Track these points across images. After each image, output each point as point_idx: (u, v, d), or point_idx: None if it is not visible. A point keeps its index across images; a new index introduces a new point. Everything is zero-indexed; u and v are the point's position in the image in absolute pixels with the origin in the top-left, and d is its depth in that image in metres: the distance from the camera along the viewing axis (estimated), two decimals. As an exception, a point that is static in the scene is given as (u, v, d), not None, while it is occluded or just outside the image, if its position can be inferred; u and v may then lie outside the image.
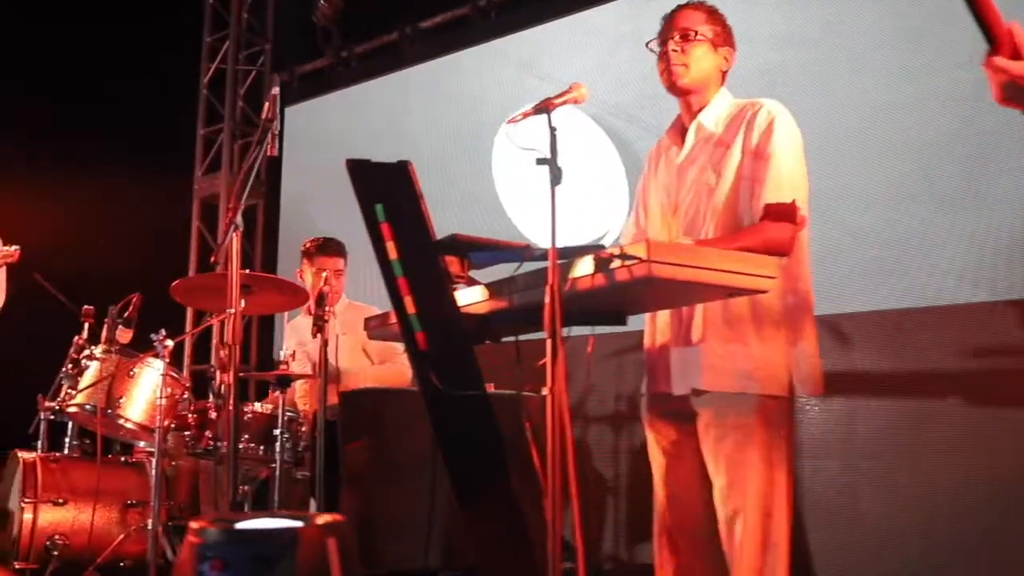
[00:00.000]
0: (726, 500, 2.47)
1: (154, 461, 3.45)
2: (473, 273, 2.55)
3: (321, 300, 3.42)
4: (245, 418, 3.85)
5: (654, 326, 2.69)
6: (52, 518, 3.64)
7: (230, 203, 3.12)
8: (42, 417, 4.34)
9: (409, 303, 2.41)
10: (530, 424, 2.26)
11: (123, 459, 3.99)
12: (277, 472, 3.78)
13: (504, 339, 2.62)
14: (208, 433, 3.81)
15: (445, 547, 3.28)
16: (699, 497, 2.60)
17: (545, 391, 2.05)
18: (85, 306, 4.40)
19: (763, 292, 2.05)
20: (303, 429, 4.00)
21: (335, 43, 6.73)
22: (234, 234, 3.11)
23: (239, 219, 3.13)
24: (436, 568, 3.28)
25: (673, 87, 2.64)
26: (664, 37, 2.64)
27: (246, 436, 3.83)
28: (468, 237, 2.46)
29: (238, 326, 3.06)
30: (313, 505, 3.94)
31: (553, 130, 2.19)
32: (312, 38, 6.83)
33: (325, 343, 3.47)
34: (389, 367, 4.40)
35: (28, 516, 3.58)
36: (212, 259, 3.11)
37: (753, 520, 2.44)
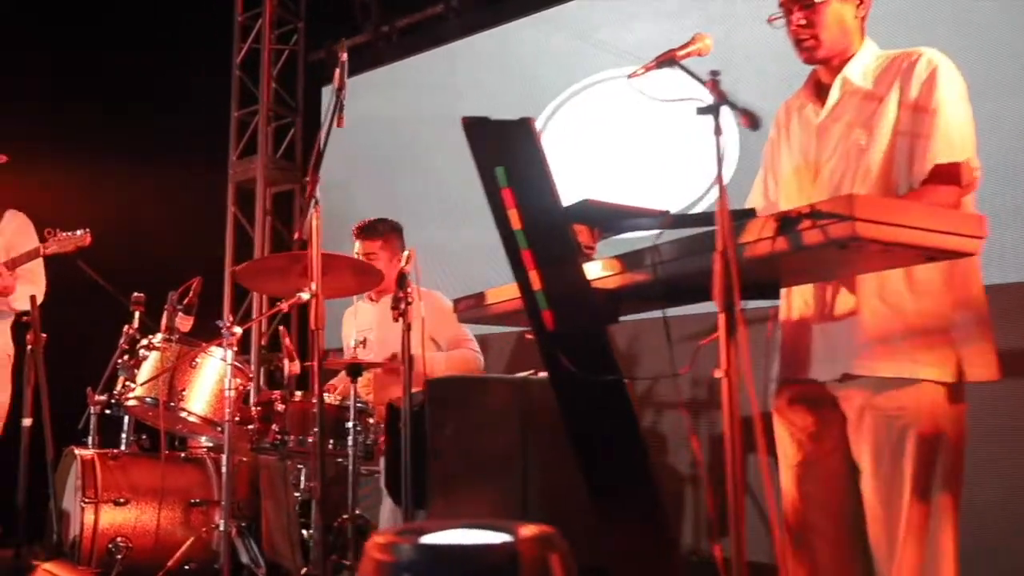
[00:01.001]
0: (881, 498, 2.21)
1: (224, 458, 3.20)
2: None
3: (402, 281, 3.16)
4: (314, 410, 3.61)
5: (790, 301, 2.43)
6: (114, 519, 3.40)
7: (307, 177, 2.87)
8: (92, 412, 4.12)
9: (535, 278, 2.16)
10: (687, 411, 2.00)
11: (182, 455, 3.74)
12: (350, 468, 3.54)
13: (625, 318, 2.38)
14: (275, 427, 3.57)
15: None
16: (842, 493, 2.34)
17: (718, 373, 1.80)
18: (135, 293, 4.16)
19: (969, 255, 1.79)
20: (371, 421, 3.76)
21: (375, 18, 6.46)
22: (314, 210, 2.86)
23: (318, 193, 2.89)
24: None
25: (812, 62, 2.38)
26: (785, 9, 2.37)
27: (316, 430, 3.58)
28: (602, 203, 2.20)
29: (322, 309, 2.81)
30: (388, 504, 3.70)
31: (707, 78, 1.92)
32: (350, 14, 6.55)
33: (408, 327, 3.21)
34: (460, 354, 4.15)
35: (90, 517, 3.34)
36: (296, 236, 2.84)
37: (916, 519, 2.18)
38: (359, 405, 3.69)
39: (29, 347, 3.80)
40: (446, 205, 5.75)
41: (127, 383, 3.48)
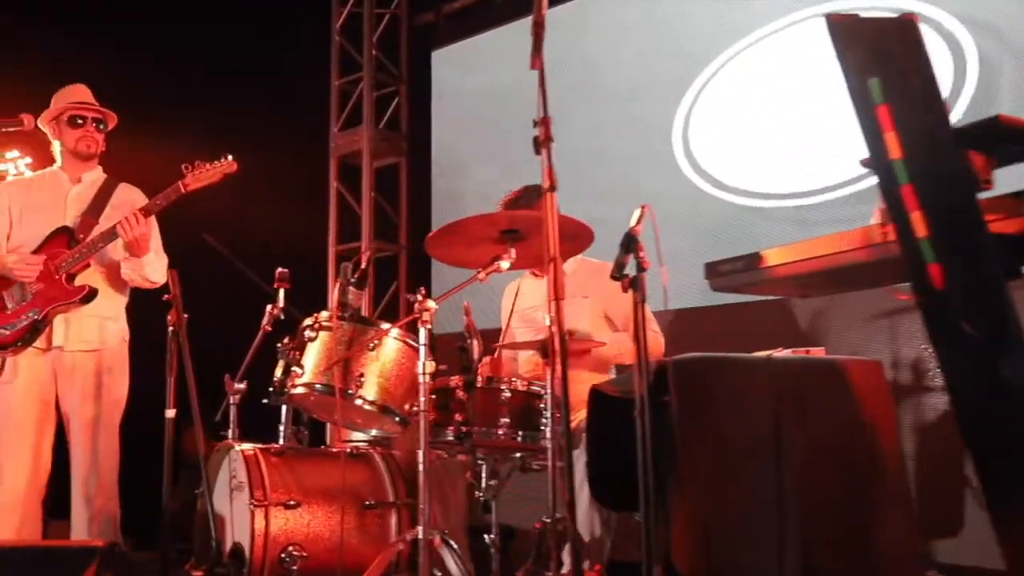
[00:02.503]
0: None
1: (420, 454, 2.73)
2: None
3: (631, 243, 2.64)
4: (502, 396, 3.14)
5: None
6: (284, 524, 2.95)
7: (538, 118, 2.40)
8: (232, 402, 3.69)
9: (918, 222, 1.66)
10: None
11: (349, 450, 3.29)
12: (550, 464, 3.06)
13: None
14: (457, 416, 3.10)
15: (806, 563, 2.53)
16: None
17: None
18: (279, 269, 3.72)
19: None
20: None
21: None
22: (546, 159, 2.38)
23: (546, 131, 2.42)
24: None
25: None
26: None
27: (506, 420, 3.12)
28: (1014, 120, 1.70)
29: (561, 278, 2.33)
30: (583, 506, 3.23)
31: None
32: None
33: (644, 299, 2.69)
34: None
35: (260, 522, 2.89)
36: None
37: None
38: (538, 390, 3.22)
39: (171, 329, 3.37)
40: (574, 181, 5.24)
41: (294, 369, 3.03)
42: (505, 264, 2.90)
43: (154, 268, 3.77)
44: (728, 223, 4.61)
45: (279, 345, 3.19)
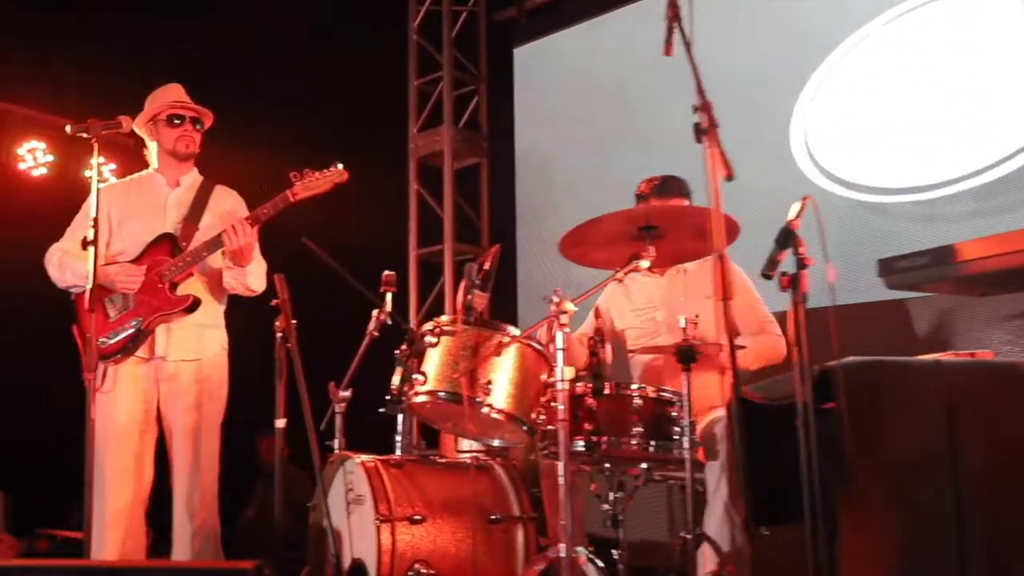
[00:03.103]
0: None
1: (560, 466, 2.56)
2: None
3: (789, 238, 2.44)
4: (633, 404, 2.96)
5: None
6: (411, 540, 2.80)
7: (699, 103, 2.20)
8: (337, 410, 3.55)
9: None
10: None
11: (469, 462, 3.13)
12: (688, 476, 2.87)
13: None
14: (587, 425, 2.92)
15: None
16: None
17: None
18: (386, 272, 3.58)
19: None
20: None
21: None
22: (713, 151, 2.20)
23: (710, 118, 2.24)
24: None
25: None
26: None
27: (639, 429, 2.93)
28: None
29: (729, 276, 2.14)
30: (714, 521, 3.03)
31: None
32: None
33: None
34: (766, 341, 3.46)
35: (386, 538, 2.74)
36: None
37: None
38: (669, 396, 3.04)
39: (279, 335, 3.24)
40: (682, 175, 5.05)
41: (415, 376, 2.87)
42: (645, 263, 2.73)
43: (256, 277, 3.67)
44: (845, 219, 4.37)
45: (396, 352, 3.03)
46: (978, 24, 4.12)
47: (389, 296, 3.53)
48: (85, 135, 3.29)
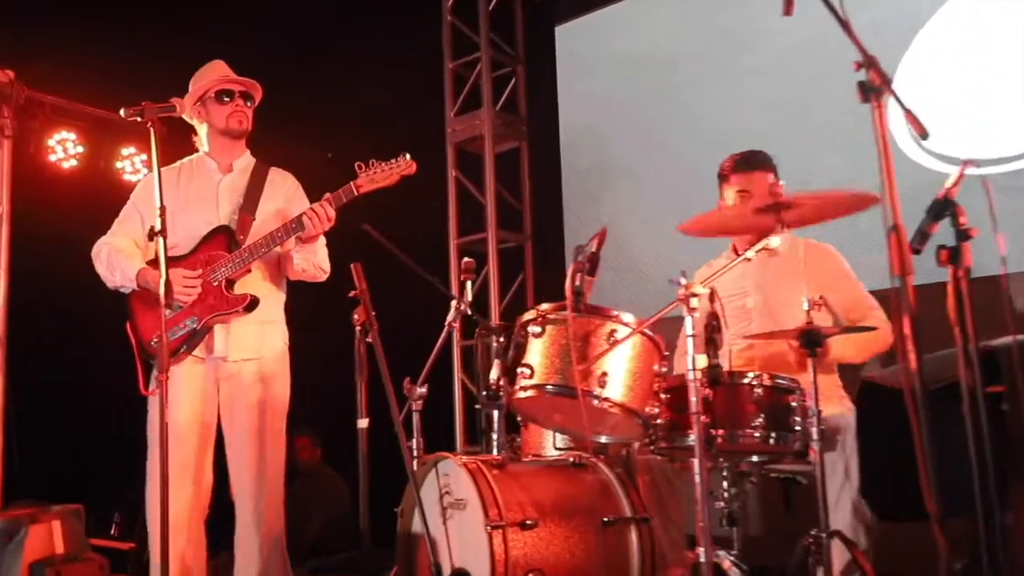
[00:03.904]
0: None
1: (695, 463, 2.34)
2: None
3: (943, 208, 2.22)
4: (753, 394, 2.73)
5: None
6: (524, 547, 2.57)
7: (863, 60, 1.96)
8: (414, 408, 3.32)
9: None
10: None
11: (571, 459, 2.90)
12: (818, 470, 2.65)
13: None
14: (704, 418, 2.69)
15: None
16: None
17: None
18: (465, 259, 3.35)
19: None
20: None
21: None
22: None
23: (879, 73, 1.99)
24: None
25: None
26: None
27: (759, 421, 2.71)
28: None
29: (907, 252, 1.91)
30: (843, 516, 2.81)
31: None
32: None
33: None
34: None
35: (499, 546, 2.51)
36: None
37: None
38: (787, 385, 2.82)
39: (358, 328, 3.01)
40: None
41: (519, 370, 2.63)
42: (775, 241, 2.51)
43: (325, 254, 3.45)
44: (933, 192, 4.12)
45: (494, 345, 2.80)
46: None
47: (469, 285, 3.30)
48: (139, 119, 3.03)
